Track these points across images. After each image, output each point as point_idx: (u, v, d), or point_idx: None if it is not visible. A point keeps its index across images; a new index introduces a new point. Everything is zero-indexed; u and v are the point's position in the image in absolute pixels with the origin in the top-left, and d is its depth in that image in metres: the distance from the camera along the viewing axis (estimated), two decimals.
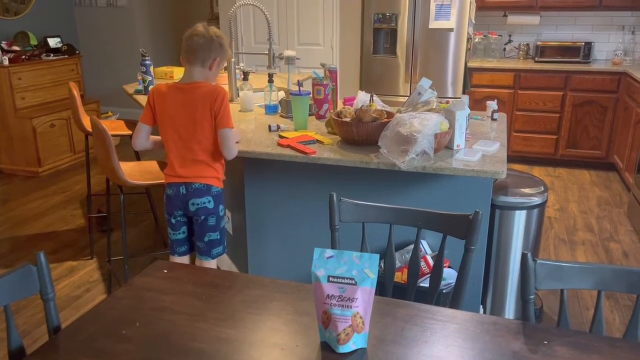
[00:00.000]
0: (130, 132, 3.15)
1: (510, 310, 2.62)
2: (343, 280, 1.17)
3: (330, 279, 1.18)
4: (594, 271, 1.37)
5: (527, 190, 2.49)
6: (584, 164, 5.05)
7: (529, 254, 1.35)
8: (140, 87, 3.49)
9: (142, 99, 3.15)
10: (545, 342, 1.22)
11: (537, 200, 2.46)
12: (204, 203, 2.23)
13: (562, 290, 1.39)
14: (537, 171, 4.98)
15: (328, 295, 1.17)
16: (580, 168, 5.06)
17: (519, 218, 2.46)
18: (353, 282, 1.17)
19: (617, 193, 4.44)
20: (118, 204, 2.95)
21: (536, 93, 4.92)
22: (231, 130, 2.18)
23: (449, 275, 2.21)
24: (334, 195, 1.69)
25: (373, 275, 1.18)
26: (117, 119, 5.88)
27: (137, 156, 3.44)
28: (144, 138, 2.28)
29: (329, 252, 1.21)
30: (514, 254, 2.51)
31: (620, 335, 2.55)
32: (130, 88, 3.66)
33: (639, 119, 4.16)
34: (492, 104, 2.77)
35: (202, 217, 2.26)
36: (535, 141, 5.04)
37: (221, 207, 2.31)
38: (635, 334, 1.36)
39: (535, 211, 2.48)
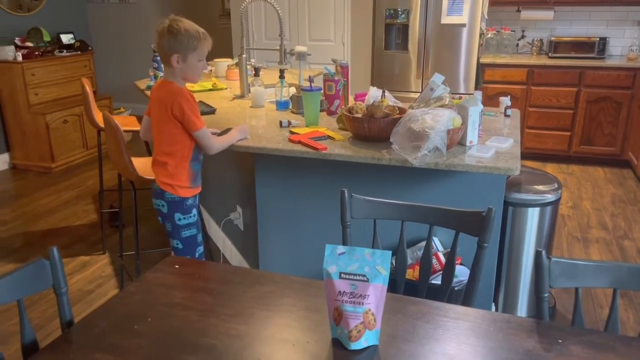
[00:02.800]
0: None
1: (522, 308, 2.60)
2: (355, 277, 1.16)
3: (342, 275, 1.17)
4: (609, 269, 1.35)
5: (540, 187, 2.46)
6: (598, 161, 5.00)
7: (544, 252, 1.34)
8: (152, 83, 3.50)
9: None
10: (560, 341, 1.21)
11: (550, 197, 2.43)
12: (158, 205, 2.23)
13: (576, 289, 1.37)
14: (550, 168, 4.93)
15: (340, 291, 1.16)
16: (594, 165, 5.00)
17: (532, 215, 2.43)
18: (365, 278, 1.16)
19: (631, 190, 4.38)
20: (130, 200, 2.96)
21: (550, 89, 4.86)
22: (202, 130, 2.10)
23: (461, 272, 2.20)
24: (345, 191, 1.68)
25: (385, 272, 1.17)
26: (130, 114, 5.91)
27: (149, 151, 3.45)
28: (146, 129, 2.32)
29: (341, 248, 1.20)
30: (526, 251, 2.49)
31: (635, 334, 2.52)
32: (142, 84, 3.68)
33: None
34: (505, 100, 2.75)
35: (161, 220, 2.27)
36: (548, 138, 4.99)
37: (178, 215, 2.21)
38: None
39: (549, 208, 2.45)
